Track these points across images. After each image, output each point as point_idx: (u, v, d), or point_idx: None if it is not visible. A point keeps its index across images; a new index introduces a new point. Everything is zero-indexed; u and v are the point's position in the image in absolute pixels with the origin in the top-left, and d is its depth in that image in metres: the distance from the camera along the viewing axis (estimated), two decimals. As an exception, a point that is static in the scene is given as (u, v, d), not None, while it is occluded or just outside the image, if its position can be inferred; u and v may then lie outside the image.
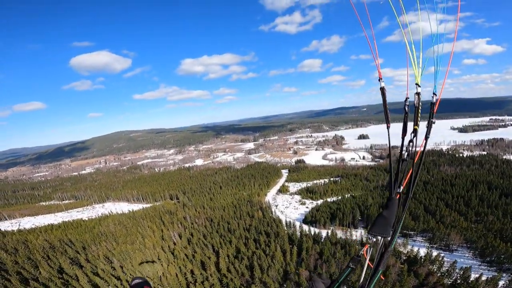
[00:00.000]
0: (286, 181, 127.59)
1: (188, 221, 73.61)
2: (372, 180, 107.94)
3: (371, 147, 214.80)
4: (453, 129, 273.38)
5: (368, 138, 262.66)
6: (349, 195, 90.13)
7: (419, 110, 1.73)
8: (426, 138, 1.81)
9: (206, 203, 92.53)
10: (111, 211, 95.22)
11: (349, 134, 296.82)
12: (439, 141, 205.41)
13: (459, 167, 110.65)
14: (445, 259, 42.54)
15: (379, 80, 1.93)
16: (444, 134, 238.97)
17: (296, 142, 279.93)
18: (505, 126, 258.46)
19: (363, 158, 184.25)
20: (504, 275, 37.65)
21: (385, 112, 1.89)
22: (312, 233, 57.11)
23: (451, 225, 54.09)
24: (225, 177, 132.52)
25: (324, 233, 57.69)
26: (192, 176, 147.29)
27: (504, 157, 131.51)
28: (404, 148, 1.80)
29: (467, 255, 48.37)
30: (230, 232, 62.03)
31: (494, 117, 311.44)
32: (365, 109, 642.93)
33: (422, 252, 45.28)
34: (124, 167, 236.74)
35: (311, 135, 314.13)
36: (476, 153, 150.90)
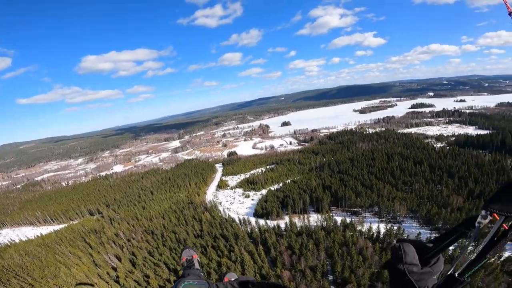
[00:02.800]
0: (222, 175, 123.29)
1: (123, 238, 62.14)
2: (304, 163, 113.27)
3: (294, 132, 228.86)
4: (355, 111, 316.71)
5: (290, 124, 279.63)
6: (289, 180, 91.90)
7: None
8: None
9: (139, 213, 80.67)
10: (11, 240, 73.55)
11: (273, 122, 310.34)
12: (347, 122, 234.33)
13: (371, 142, 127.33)
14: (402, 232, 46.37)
15: (509, 15, 1.63)
16: (349, 116, 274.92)
17: (224, 135, 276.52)
18: (392, 106, 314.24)
19: (290, 143, 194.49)
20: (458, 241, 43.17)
21: None
22: (271, 226, 55.26)
23: (391, 197, 60.45)
24: (155, 181, 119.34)
25: (282, 224, 56.54)
26: (113, 184, 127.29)
27: (399, 131, 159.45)
28: None
29: (414, 225, 53.92)
30: (180, 243, 54.71)
31: (383, 99, 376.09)
32: (283, 98, 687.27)
33: (380, 228, 48.41)
34: (18, 186, 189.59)
35: (238, 127, 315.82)
36: (377, 129, 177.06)
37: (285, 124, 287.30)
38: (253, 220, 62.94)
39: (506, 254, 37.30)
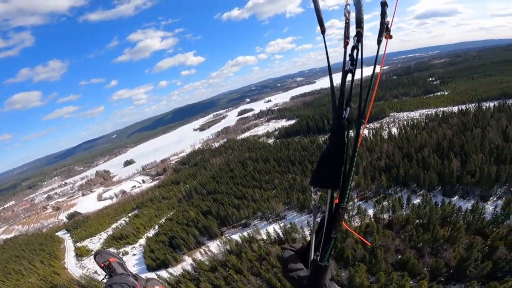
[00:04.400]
0: (75, 241, 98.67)
1: None
2: (169, 196, 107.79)
3: (143, 169, 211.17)
4: (195, 130, 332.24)
5: (134, 161, 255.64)
6: (163, 220, 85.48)
7: (362, 11, 1.37)
8: (379, 41, 1.41)
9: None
10: None
11: (113, 165, 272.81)
12: (192, 143, 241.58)
13: (221, 155, 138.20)
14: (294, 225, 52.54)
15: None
16: (192, 136, 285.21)
17: (49, 197, 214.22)
18: (224, 117, 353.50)
19: (143, 181, 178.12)
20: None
21: (318, 16, 1.42)
22: (179, 274, 49.77)
23: (264, 199, 67.99)
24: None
25: (188, 266, 52.23)
26: None
27: (238, 138, 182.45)
28: (348, 57, 1.35)
29: (295, 214, 62.14)
30: None
31: (215, 113, 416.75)
32: (115, 135, 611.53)
33: (276, 229, 53.36)
34: None
35: (66, 182, 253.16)
36: (221, 141, 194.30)
37: (128, 163, 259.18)
38: (152, 276, 54.08)
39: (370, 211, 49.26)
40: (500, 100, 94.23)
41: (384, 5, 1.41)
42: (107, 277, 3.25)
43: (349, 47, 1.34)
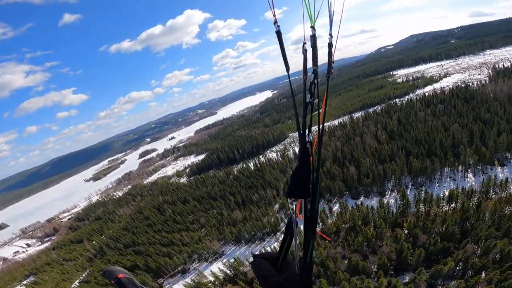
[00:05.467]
0: None
1: None
2: (73, 257, 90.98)
3: (23, 232, 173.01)
4: (88, 180, 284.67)
5: (8, 225, 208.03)
6: (76, 283, 73.64)
7: (317, 51, 1.69)
8: (328, 77, 1.81)
9: None
10: None
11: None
12: (87, 196, 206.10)
13: (129, 204, 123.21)
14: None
15: (274, 24, 1.79)
16: (86, 188, 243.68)
17: None
18: (122, 162, 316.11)
19: (28, 245, 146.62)
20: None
21: (284, 56, 1.76)
22: None
23: (196, 240, 63.84)
24: None
25: None
26: None
27: (144, 182, 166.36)
28: (307, 91, 1.71)
29: (233, 248, 60.46)
30: None
31: (110, 159, 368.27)
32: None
33: (220, 267, 50.51)
34: None
35: None
36: (125, 189, 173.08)
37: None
38: None
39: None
40: (364, 110, 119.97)
41: (330, 46, 1.70)
42: None
43: (307, 82, 1.76)
